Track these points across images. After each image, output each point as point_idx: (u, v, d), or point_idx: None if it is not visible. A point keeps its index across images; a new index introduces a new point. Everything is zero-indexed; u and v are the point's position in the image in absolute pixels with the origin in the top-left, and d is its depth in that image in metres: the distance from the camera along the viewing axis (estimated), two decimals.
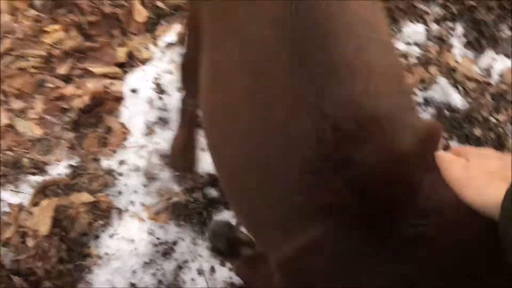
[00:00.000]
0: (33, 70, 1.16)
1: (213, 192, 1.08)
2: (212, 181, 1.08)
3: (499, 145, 1.17)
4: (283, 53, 0.51)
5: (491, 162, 0.48)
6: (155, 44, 1.22)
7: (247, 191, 0.56)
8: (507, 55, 1.25)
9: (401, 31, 1.29)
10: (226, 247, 1.06)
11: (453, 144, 1.19)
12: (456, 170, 0.48)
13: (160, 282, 1.03)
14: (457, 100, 1.21)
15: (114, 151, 1.10)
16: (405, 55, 1.27)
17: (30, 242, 1.00)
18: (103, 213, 1.05)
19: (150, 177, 1.08)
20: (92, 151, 1.10)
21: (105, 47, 1.19)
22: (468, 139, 1.18)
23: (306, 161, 0.48)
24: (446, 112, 1.21)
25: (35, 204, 1.03)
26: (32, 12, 1.21)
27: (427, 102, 1.22)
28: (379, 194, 0.46)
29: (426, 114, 1.22)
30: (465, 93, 1.21)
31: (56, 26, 1.20)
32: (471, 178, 0.47)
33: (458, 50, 1.27)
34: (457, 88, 1.21)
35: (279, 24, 0.52)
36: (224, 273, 1.03)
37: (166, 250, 1.05)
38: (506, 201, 0.42)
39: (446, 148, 1.15)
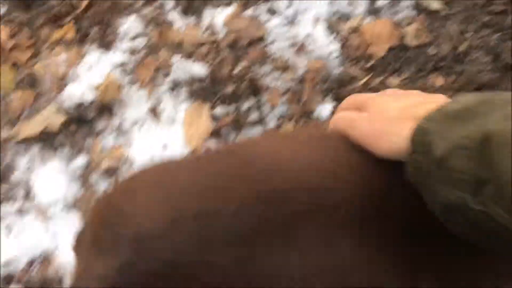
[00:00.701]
0: None
1: None
2: None
3: (255, 89, 1.20)
4: None
5: (389, 106, 0.46)
6: None
7: None
8: (224, 5, 1.27)
9: (119, 32, 1.23)
10: None
11: (218, 111, 1.18)
12: (361, 127, 0.46)
13: None
14: (199, 69, 1.19)
15: None
16: (132, 52, 1.21)
17: None
18: None
19: None
20: None
21: None
22: (227, 100, 1.18)
23: None
24: (196, 85, 1.19)
25: None
26: None
27: (176, 85, 1.20)
28: None
29: (181, 96, 1.19)
30: (202, 59, 1.20)
31: None
32: (377, 129, 0.45)
33: (179, 22, 1.25)
34: (192, 59, 1.20)
35: None
36: None
37: None
38: (417, 135, 0.41)
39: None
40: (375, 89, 1.24)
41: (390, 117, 0.45)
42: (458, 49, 1.25)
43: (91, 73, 1.22)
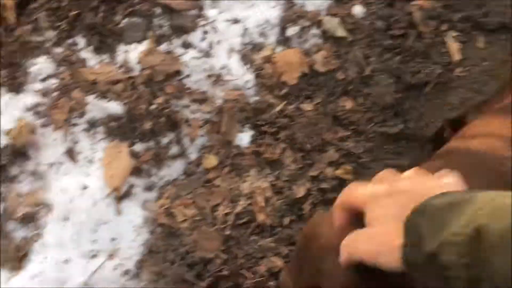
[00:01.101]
0: None
1: None
2: None
3: (173, 123, 1.21)
4: None
5: (386, 219, 0.47)
6: None
7: None
8: (137, 41, 1.27)
9: (29, 73, 1.20)
10: None
11: (138, 148, 1.18)
12: (362, 247, 0.48)
13: None
14: (115, 108, 1.19)
15: None
16: (44, 94, 1.19)
17: None
18: None
19: None
20: None
21: None
22: (146, 136, 1.19)
23: None
24: (113, 124, 1.18)
25: None
26: None
27: (92, 125, 1.18)
28: None
29: (98, 135, 1.18)
30: (117, 97, 1.19)
31: None
32: (376, 247, 0.47)
33: (92, 61, 1.24)
34: (107, 98, 1.19)
35: None
36: None
37: None
38: (407, 228, 0.43)
39: None
40: (290, 116, 1.29)
41: (386, 233, 0.46)
42: (364, 72, 1.34)
43: (1, 117, 1.17)
